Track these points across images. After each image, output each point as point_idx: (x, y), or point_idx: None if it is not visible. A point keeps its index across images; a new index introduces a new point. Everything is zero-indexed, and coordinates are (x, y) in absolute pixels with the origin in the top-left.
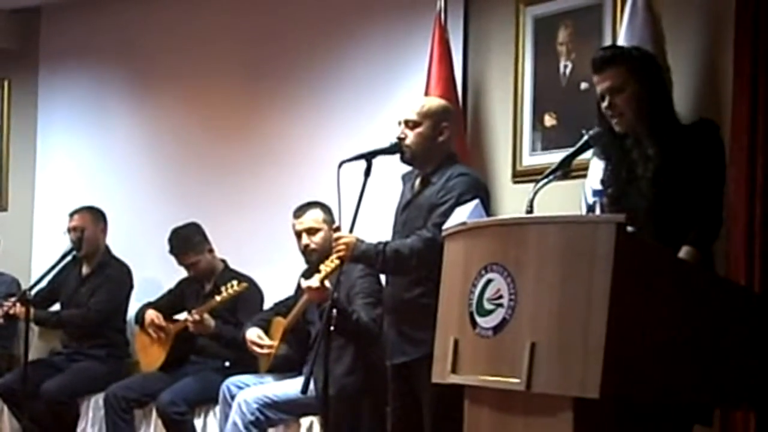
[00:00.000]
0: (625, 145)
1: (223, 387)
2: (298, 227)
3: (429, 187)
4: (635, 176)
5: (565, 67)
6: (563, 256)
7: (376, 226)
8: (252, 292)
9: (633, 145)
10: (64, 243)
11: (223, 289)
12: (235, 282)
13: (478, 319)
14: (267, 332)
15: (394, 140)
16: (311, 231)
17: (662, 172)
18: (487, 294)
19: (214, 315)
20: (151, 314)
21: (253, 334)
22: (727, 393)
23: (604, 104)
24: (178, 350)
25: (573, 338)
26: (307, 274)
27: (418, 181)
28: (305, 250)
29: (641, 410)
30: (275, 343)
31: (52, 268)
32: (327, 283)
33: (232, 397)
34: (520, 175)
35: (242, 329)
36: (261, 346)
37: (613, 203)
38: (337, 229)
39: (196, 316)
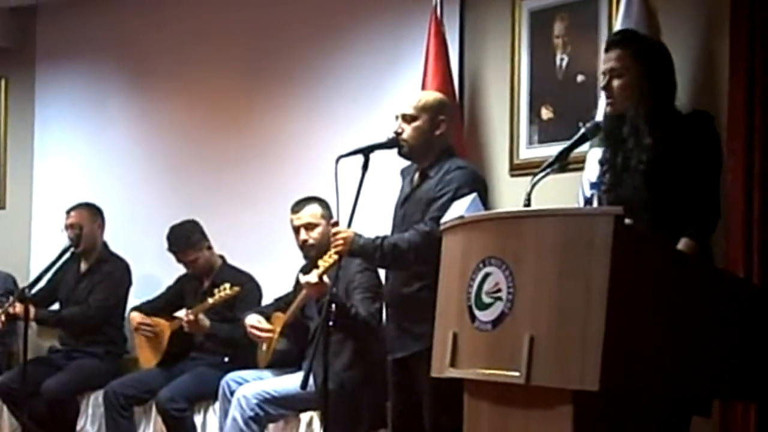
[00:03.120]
0: (621, 133)
1: (223, 383)
2: (296, 222)
3: (427, 181)
4: (629, 166)
5: (562, 60)
6: (561, 248)
7: (374, 220)
8: (250, 287)
9: (630, 134)
10: (63, 240)
11: (216, 291)
12: (227, 285)
13: (477, 313)
14: None
15: (392, 134)
16: (309, 226)
17: (656, 164)
18: (486, 287)
19: (212, 311)
20: (135, 317)
21: (253, 319)
22: (726, 385)
23: (602, 84)
24: (176, 347)
25: (572, 331)
26: (305, 270)
27: (416, 176)
28: (303, 246)
29: (640, 402)
30: (276, 328)
31: (51, 265)
32: (326, 279)
33: (232, 393)
34: (517, 169)
35: (240, 323)
36: (261, 330)
37: (609, 191)
38: (335, 224)
39: (191, 317)
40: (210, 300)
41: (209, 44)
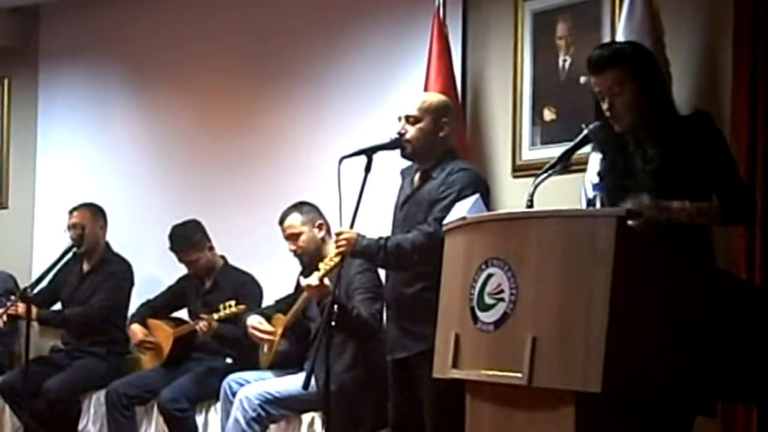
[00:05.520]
0: (623, 138)
1: (225, 383)
2: (283, 234)
3: (429, 182)
4: (634, 169)
5: (564, 61)
6: (564, 250)
7: (377, 221)
8: (251, 288)
9: (631, 140)
10: (65, 240)
11: (221, 307)
12: (233, 302)
13: (479, 314)
14: None
15: (395, 136)
16: (292, 236)
17: (662, 171)
18: (488, 288)
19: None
20: (136, 334)
21: (254, 320)
22: (729, 386)
23: (604, 106)
24: (179, 352)
25: (574, 332)
26: (306, 273)
27: (417, 176)
28: (294, 254)
29: (643, 404)
30: (277, 330)
31: (53, 266)
32: (326, 281)
33: (234, 394)
34: (519, 170)
35: (243, 323)
36: (262, 332)
37: (611, 195)
38: (321, 225)
39: (205, 325)
40: (215, 315)
41: (212, 45)
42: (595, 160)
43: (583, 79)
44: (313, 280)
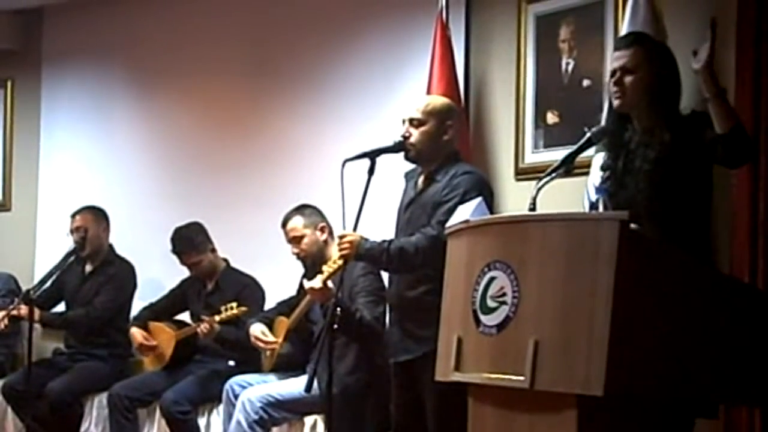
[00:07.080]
0: (624, 137)
1: (227, 386)
2: (285, 237)
3: (433, 185)
4: (632, 168)
5: (567, 64)
6: (566, 253)
7: (380, 224)
8: (253, 290)
9: (635, 134)
10: (67, 243)
11: (222, 309)
12: (234, 304)
13: (482, 317)
14: (270, 331)
15: (399, 138)
16: (294, 240)
17: (663, 164)
18: (491, 292)
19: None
20: (136, 337)
21: (257, 329)
22: (731, 389)
23: (612, 79)
24: (181, 354)
25: (577, 336)
26: (308, 276)
27: (421, 179)
28: (297, 257)
29: (644, 407)
30: (279, 339)
31: (56, 268)
32: (329, 284)
33: (236, 396)
34: (522, 173)
35: (245, 326)
36: (265, 342)
37: (611, 196)
38: (323, 228)
39: (207, 327)
40: (217, 317)
41: (215, 48)
42: (598, 164)
43: (586, 83)
44: (316, 282)
